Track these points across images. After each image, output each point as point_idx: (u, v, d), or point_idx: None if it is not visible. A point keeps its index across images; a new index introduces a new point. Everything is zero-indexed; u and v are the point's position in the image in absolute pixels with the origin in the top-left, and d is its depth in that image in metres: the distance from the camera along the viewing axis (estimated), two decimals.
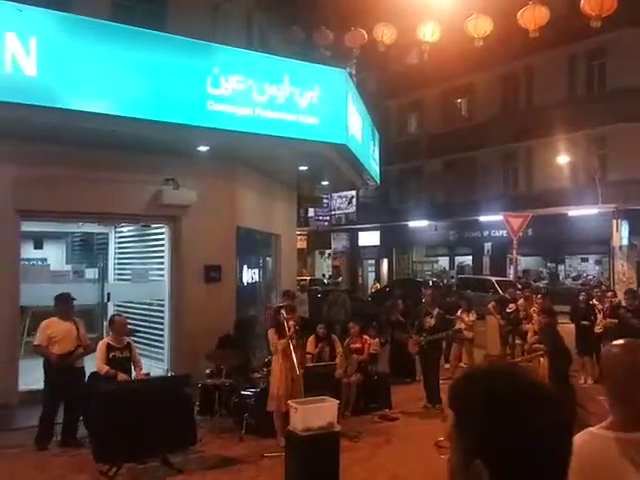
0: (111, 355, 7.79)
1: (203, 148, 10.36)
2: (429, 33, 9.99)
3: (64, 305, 7.94)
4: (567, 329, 11.83)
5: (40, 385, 8.06)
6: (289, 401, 6.73)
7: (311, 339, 9.47)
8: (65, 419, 7.81)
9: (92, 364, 7.97)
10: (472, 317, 12.69)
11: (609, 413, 2.14)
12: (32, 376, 8.89)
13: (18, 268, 9.74)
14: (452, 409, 1.26)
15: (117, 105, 8.71)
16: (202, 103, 9.33)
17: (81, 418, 7.76)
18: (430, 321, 10.07)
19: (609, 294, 12.26)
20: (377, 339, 11.01)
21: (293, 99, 10.13)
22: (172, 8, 11.62)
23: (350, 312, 14.40)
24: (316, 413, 6.26)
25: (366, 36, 11.08)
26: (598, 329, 11.41)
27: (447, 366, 12.51)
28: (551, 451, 1.20)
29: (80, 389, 7.77)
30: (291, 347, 7.63)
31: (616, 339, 2.21)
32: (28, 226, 10.50)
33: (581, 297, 12.73)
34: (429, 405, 9.84)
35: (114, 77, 8.65)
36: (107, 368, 7.65)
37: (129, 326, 8.85)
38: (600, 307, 11.73)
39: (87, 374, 7.97)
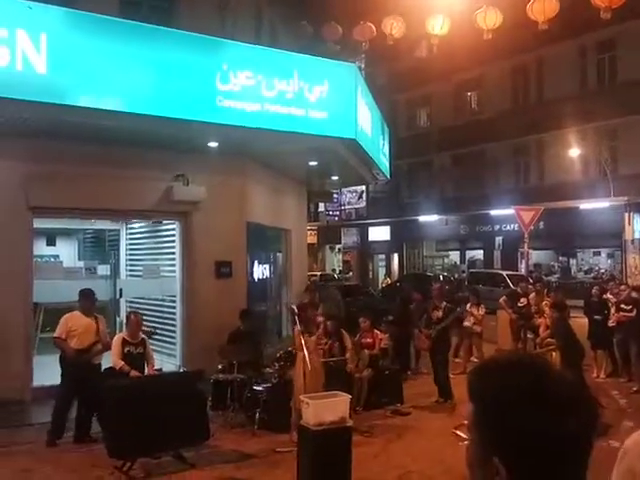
0: (126, 350, 7.86)
1: (213, 144, 10.37)
2: (438, 26, 9.94)
3: (86, 300, 7.99)
4: (580, 323, 11.80)
5: (54, 381, 8.13)
6: (301, 396, 6.74)
7: (320, 332, 9.45)
8: (79, 415, 7.85)
9: (106, 361, 8.03)
10: (481, 311, 12.65)
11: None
12: (46, 372, 8.96)
13: (31, 265, 9.82)
14: (470, 400, 1.25)
15: (126, 102, 8.73)
16: (211, 99, 9.34)
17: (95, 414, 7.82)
18: (438, 314, 10.08)
19: (622, 287, 12.16)
20: (387, 334, 11.01)
21: (302, 94, 10.12)
22: (181, 4, 11.63)
23: (343, 308, 14.29)
24: (328, 408, 6.26)
25: (375, 30, 11.05)
26: (611, 323, 11.34)
27: (458, 360, 12.49)
28: (568, 449, 1.16)
29: (96, 385, 7.81)
30: (303, 344, 7.65)
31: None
32: (41, 223, 10.57)
33: (594, 291, 12.66)
34: (441, 400, 9.82)
35: (123, 74, 8.67)
36: (122, 363, 7.71)
37: (148, 328, 8.90)
38: (614, 300, 11.64)
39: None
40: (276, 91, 9.86)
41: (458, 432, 7.80)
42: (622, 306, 11.28)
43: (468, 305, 12.58)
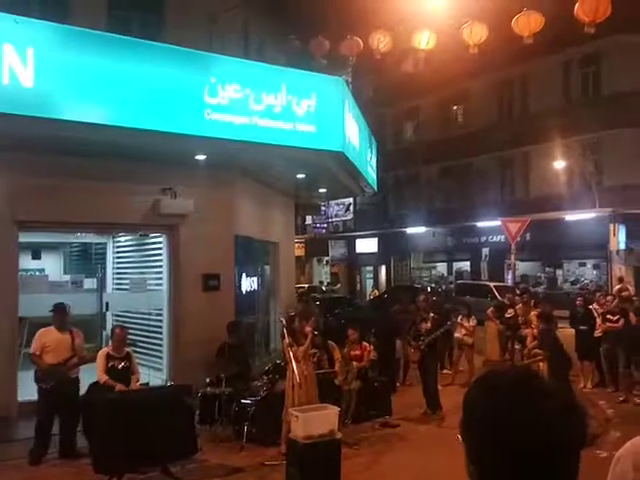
0: (110, 365, 7.79)
1: (200, 157, 10.37)
2: (425, 41, 10.05)
3: (59, 315, 7.92)
4: (567, 334, 11.87)
5: None
6: (290, 409, 6.73)
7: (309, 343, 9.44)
8: (61, 430, 7.77)
9: (89, 374, 7.96)
10: (472, 323, 12.72)
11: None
12: (31, 387, 8.85)
13: (16, 279, 9.73)
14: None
15: (114, 115, 8.72)
16: (199, 112, 9.35)
17: (80, 428, 7.74)
18: (426, 325, 10.14)
19: (608, 298, 12.27)
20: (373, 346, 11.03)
21: (290, 107, 10.16)
22: (169, 18, 11.67)
23: (321, 322, 14.21)
24: (317, 421, 6.26)
25: (362, 44, 11.14)
26: (598, 333, 11.43)
27: (446, 372, 12.52)
28: (557, 461, 1.17)
29: (75, 399, 7.74)
30: (291, 355, 7.65)
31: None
32: (26, 237, 10.49)
33: (578, 302, 12.76)
34: (429, 411, 9.84)
35: (111, 87, 8.67)
36: (106, 377, 7.65)
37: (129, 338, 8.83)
38: (600, 311, 11.74)
39: (86, 384, 7.95)
40: (264, 105, 9.90)
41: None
42: (608, 316, 11.39)
43: (459, 317, 12.65)
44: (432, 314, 10.42)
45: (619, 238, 23.78)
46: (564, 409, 1.19)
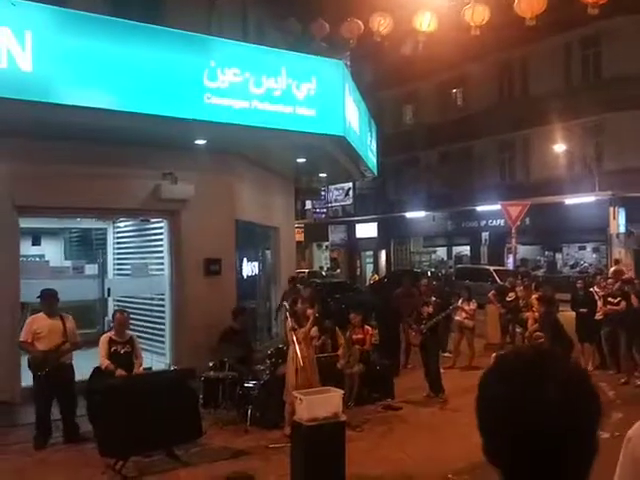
0: (112, 349, 7.80)
1: (201, 142, 10.33)
2: (426, 23, 9.94)
3: (49, 301, 7.86)
4: (568, 317, 11.90)
5: None
6: (294, 392, 6.75)
7: (314, 330, 9.45)
8: (62, 416, 7.79)
9: (88, 359, 7.98)
10: (473, 306, 12.75)
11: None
12: None
13: (18, 264, 9.72)
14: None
15: (113, 99, 8.66)
16: (199, 96, 9.29)
17: (85, 413, 7.76)
18: (428, 309, 10.17)
19: (609, 280, 12.28)
20: (375, 330, 11.08)
21: (290, 91, 10.10)
22: (168, 2, 11.55)
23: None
24: (321, 403, 6.27)
25: (362, 27, 11.03)
26: (599, 316, 11.45)
27: (447, 355, 12.56)
28: (569, 447, 1.16)
29: (70, 385, 7.75)
30: (294, 338, 7.68)
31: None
32: (26, 222, 10.46)
33: (579, 285, 12.78)
34: (432, 394, 9.88)
35: (110, 71, 8.60)
36: (107, 362, 7.65)
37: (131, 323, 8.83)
38: (601, 294, 11.76)
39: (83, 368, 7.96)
40: (264, 88, 9.84)
41: None
42: (609, 299, 11.40)
43: (460, 301, 12.67)
44: (434, 298, 10.47)
45: (619, 221, 23.78)
46: (577, 391, 1.19)
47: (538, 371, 1.19)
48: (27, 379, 9.20)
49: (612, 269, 22.88)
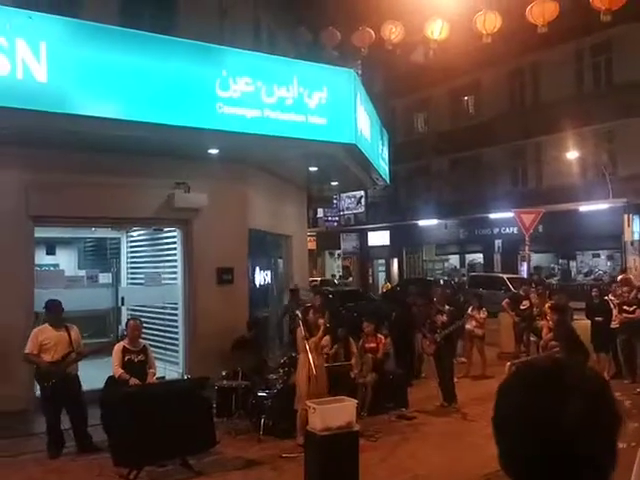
0: (126, 358, 7.79)
1: (213, 151, 10.38)
2: (437, 31, 9.96)
3: (54, 312, 7.82)
4: (582, 325, 11.78)
5: None
6: (307, 401, 6.73)
7: (326, 339, 9.43)
8: (72, 427, 7.76)
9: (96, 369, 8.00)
10: (483, 314, 12.64)
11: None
12: None
13: (33, 274, 9.79)
14: None
15: (127, 109, 8.74)
16: (211, 106, 9.35)
17: (99, 422, 7.76)
18: (442, 318, 10.10)
19: (625, 288, 12.14)
20: (388, 338, 11.02)
21: (302, 100, 10.14)
22: (180, 12, 11.66)
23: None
24: (335, 413, 6.25)
25: (373, 35, 11.06)
26: (614, 324, 11.34)
27: (462, 360, 12.46)
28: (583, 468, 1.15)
29: (78, 395, 7.74)
30: (307, 347, 7.66)
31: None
32: (40, 232, 10.54)
33: (594, 293, 12.66)
34: (445, 404, 9.81)
35: (124, 81, 8.69)
36: (121, 371, 7.64)
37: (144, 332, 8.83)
38: (616, 302, 11.64)
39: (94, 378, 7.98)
40: (276, 97, 9.88)
41: None
42: (624, 307, 11.29)
43: (470, 309, 12.59)
44: (448, 307, 10.40)
45: (633, 229, 23.56)
46: (599, 402, 1.18)
47: (559, 382, 1.18)
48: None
49: (619, 277, 22.76)
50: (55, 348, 7.64)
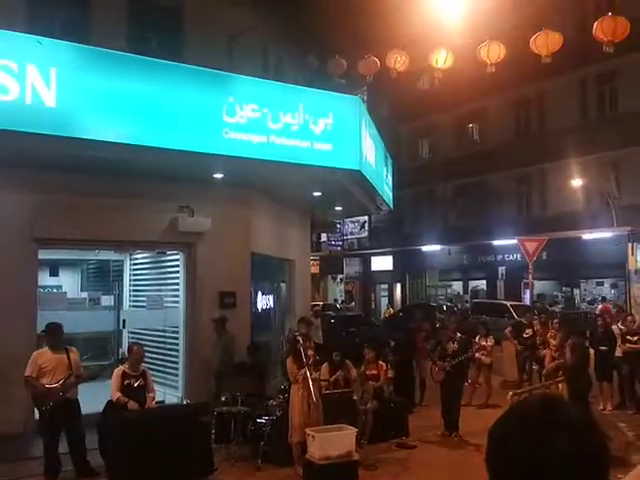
0: (125, 383, 7.76)
1: (218, 175, 10.45)
2: (442, 60, 10.07)
3: (54, 335, 7.79)
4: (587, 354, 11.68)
5: None
6: (306, 429, 6.68)
7: (325, 366, 9.35)
8: (70, 451, 7.68)
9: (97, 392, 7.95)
10: (490, 342, 12.54)
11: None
12: None
13: (36, 295, 9.81)
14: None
15: (133, 134, 8.83)
16: (218, 131, 9.43)
17: (96, 446, 7.70)
18: (453, 346, 10.00)
19: (629, 318, 12.08)
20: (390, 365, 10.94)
21: (307, 126, 10.22)
22: (188, 39, 11.82)
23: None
24: (334, 441, 6.21)
25: (379, 63, 11.19)
26: (618, 354, 11.25)
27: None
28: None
29: (77, 419, 7.67)
30: (309, 376, 7.59)
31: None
32: (44, 254, 10.58)
33: (599, 322, 12.58)
34: (447, 433, 9.71)
35: (132, 106, 8.79)
36: (119, 395, 7.59)
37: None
38: (618, 332, 11.57)
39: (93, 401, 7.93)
40: (282, 123, 9.97)
41: None
42: (628, 337, 11.22)
43: (477, 337, 12.49)
44: (459, 335, 10.28)
45: (637, 257, 23.49)
46: (582, 438, 1.22)
47: (549, 419, 1.23)
48: None
49: (599, 307, 22.72)
50: (54, 371, 7.58)
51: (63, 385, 7.58)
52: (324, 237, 35.76)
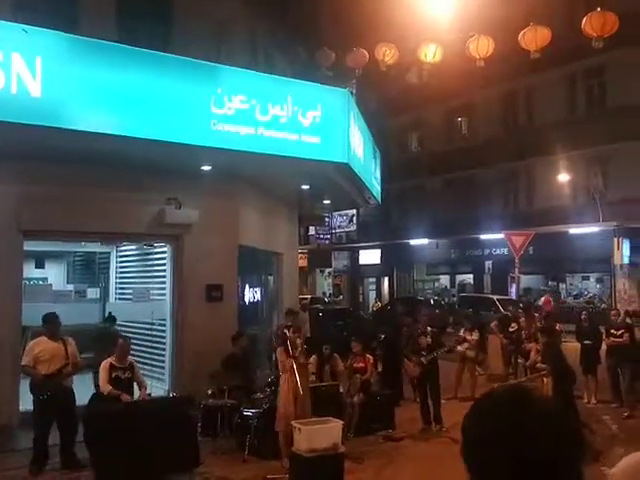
0: (114, 375, 7.77)
1: (206, 167, 10.38)
2: (430, 54, 10.07)
3: (50, 325, 7.86)
4: (573, 348, 11.80)
5: None
6: (292, 422, 6.68)
7: (314, 358, 9.37)
8: (61, 441, 7.71)
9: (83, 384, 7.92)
10: (475, 336, 12.62)
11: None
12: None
13: (21, 288, 9.72)
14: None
15: (120, 125, 8.74)
16: (206, 123, 9.37)
17: (82, 439, 7.68)
18: (426, 340, 10.06)
19: (613, 312, 12.19)
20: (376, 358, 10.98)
21: (296, 118, 10.18)
22: (176, 29, 11.73)
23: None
24: (321, 434, 6.22)
25: (368, 56, 11.17)
26: (602, 348, 11.36)
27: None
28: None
29: (71, 409, 7.69)
30: (294, 366, 7.59)
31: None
32: (30, 245, 10.48)
33: (583, 316, 12.69)
34: (425, 426, 9.73)
35: (119, 97, 8.70)
36: (110, 388, 7.62)
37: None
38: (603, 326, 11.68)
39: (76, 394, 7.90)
40: (270, 115, 9.92)
41: None
42: (612, 331, 11.32)
43: (462, 330, 12.56)
44: (430, 328, 10.37)
45: (623, 252, 23.69)
46: (555, 429, 1.25)
47: (524, 414, 1.26)
48: (26, 403, 9.15)
49: (542, 299, 23.08)
50: (51, 360, 7.65)
51: (60, 374, 7.60)
52: (312, 230, 35.75)
